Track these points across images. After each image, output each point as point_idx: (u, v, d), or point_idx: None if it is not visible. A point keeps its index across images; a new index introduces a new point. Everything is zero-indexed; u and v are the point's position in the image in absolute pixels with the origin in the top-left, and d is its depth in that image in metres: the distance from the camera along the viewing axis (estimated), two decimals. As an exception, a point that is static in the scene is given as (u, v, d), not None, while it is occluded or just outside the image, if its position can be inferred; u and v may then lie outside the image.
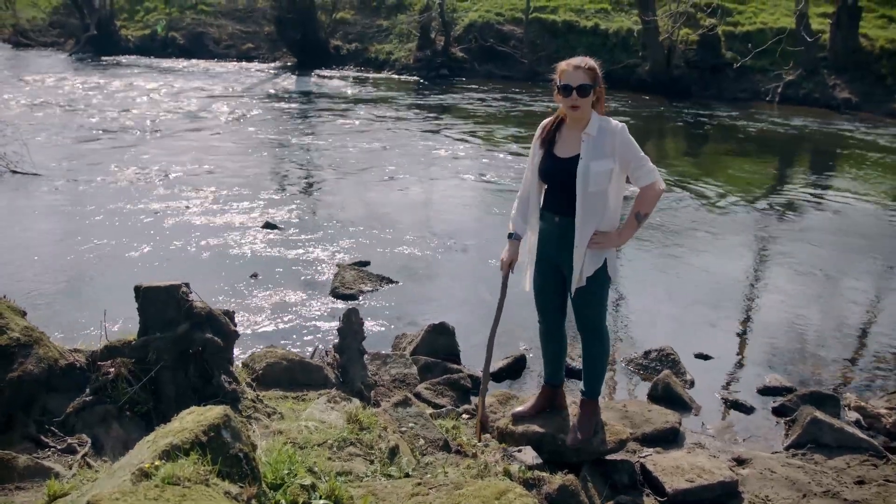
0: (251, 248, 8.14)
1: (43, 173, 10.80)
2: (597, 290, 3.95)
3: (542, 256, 4.05)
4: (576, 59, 3.82)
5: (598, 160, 3.73)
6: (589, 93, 3.74)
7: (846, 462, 4.54)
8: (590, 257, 3.84)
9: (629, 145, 3.75)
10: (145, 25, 32.94)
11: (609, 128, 3.76)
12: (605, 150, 3.73)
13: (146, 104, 18.02)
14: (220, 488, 2.26)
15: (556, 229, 3.90)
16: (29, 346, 3.55)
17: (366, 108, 18.85)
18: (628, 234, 3.89)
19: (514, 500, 2.53)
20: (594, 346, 4.12)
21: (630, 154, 3.75)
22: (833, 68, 22.40)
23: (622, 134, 3.74)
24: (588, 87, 3.73)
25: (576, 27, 26.43)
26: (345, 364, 4.89)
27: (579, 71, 3.75)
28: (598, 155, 3.73)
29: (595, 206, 3.78)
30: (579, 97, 3.73)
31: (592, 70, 3.77)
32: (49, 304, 6.46)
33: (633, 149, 3.76)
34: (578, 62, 3.79)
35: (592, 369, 4.18)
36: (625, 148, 3.74)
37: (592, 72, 3.76)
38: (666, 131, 17.60)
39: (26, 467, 3.01)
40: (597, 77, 3.78)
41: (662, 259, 8.44)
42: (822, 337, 6.64)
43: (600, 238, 3.82)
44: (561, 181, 3.84)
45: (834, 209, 11.03)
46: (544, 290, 4.15)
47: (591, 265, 3.86)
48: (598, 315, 4.06)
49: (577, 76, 3.75)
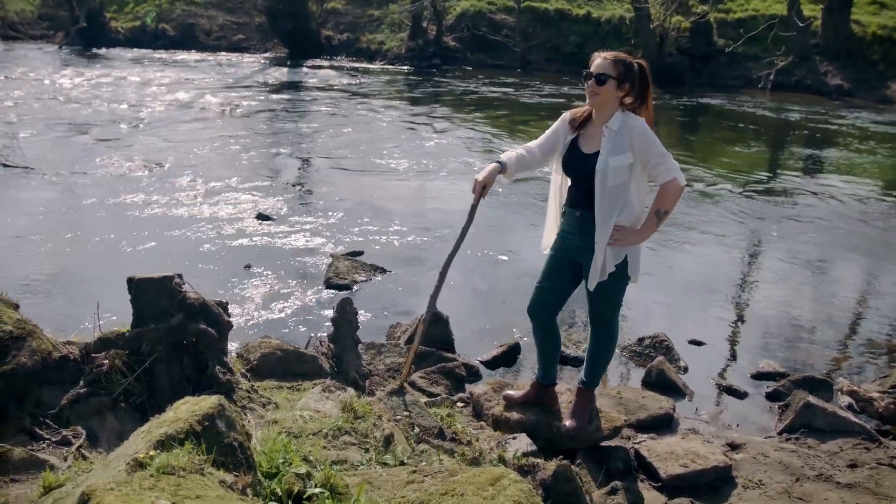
0: (244, 238, 8.12)
1: (34, 166, 10.75)
2: (614, 285, 3.95)
3: (560, 252, 4.05)
4: (611, 52, 3.82)
5: (617, 154, 3.71)
6: (605, 82, 3.71)
7: (839, 446, 4.57)
8: (611, 252, 3.84)
9: (649, 141, 3.71)
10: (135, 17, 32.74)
11: (630, 123, 3.73)
12: (624, 144, 3.71)
13: (137, 96, 17.93)
14: (215, 477, 2.26)
15: (577, 223, 3.91)
16: (22, 338, 3.53)
17: (358, 99, 18.80)
18: (648, 231, 3.85)
19: (509, 485, 2.54)
20: (602, 340, 4.14)
21: (650, 150, 3.71)
22: (825, 55, 22.45)
23: (642, 129, 3.71)
24: (604, 77, 3.71)
25: (568, 15, 26.41)
26: (339, 354, 4.90)
27: (605, 61, 3.75)
28: (618, 149, 3.72)
29: (615, 201, 3.77)
30: (596, 85, 3.73)
31: (618, 62, 3.74)
32: (42, 297, 6.44)
33: (652, 145, 3.71)
34: (608, 53, 3.80)
35: (596, 362, 4.19)
36: (644, 144, 3.70)
37: (618, 64, 3.73)
38: (658, 119, 17.51)
39: (21, 460, 3.01)
40: (625, 71, 3.73)
41: (655, 246, 8.45)
42: (815, 322, 6.67)
43: (620, 234, 3.81)
44: (583, 177, 3.83)
45: (826, 196, 11.07)
46: (548, 287, 4.13)
47: (612, 261, 3.85)
48: (612, 311, 4.08)
49: (600, 65, 3.75)
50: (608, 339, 4.13)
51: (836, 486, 4.10)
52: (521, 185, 10.63)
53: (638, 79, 3.79)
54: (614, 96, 3.76)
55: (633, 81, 3.77)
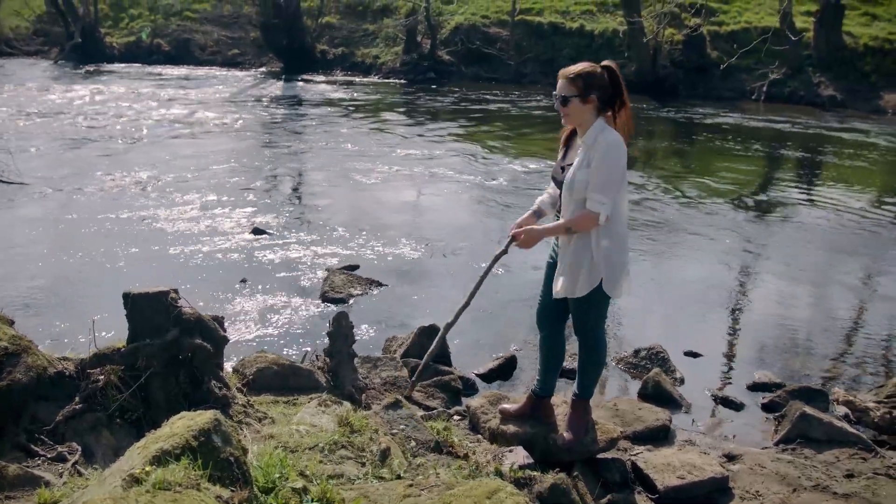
0: (240, 253, 8.12)
1: (29, 182, 10.74)
2: (594, 303, 3.95)
3: (552, 260, 4.11)
4: (573, 67, 3.82)
5: (582, 169, 3.74)
6: (568, 102, 3.75)
7: (835, 456, 4.57)
8: (585, 276, 3.84)
9: (601, 165, 3.68)
10: (130, 32, 32.78)
11: (600, 139, 3.72)
12: (591, 159, 3.73)
13: (132, 111, 17.94)
14: (212, 493, 2.26)
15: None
16: (17, 354, 3.53)
17: (353, 113, 18.86)
18: (550, 231, 3.90)
19: (506, 499, 2.54)
20: (587, 354, 4.15)
21: (597, 172, 3.69)
22: (818, 66, 22.56)
23: (605, 150, 3.69)
24: (566, 98, 3.74)
25: (561, 29, 26.51)
26: (335, 368, 4.89)
27: (563, 81, 3.78)
28: (584, 164, 3.74)
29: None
30: (561, 106, 3.78)
31: (577, 78, 3.73)
32: (37, 313, 6.43)
33: (601, 170, 3.68)
34: (569, 70, 3.80)
35: (584, 373, 4.21)
36: (597, 164, 3.69)
37: (577, 80, 3.73)
38: (653, 132, 17.67)
39: (16, 476, 3.00)
40: (586, 85, 3.72)
41: (651, 258, 8.48)
42: (810, 333, 6.68)
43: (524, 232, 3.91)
44: (561, 187, 3.90)
45: (820, 207, 11.11)
46: (543, 295, 4.20)
47: (585, 285, 3.85)
48: (594, 326, 4.08)
49: (560, 86, 3.79)
50: (593, 350, 4.13)
51: (833, 497, 4.11)
52: (521, 197, 10.66)
53: (609, 84, 3.78)
54: (584, 111, 3.77)
55: (600, 90, 3.76)
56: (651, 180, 12.38)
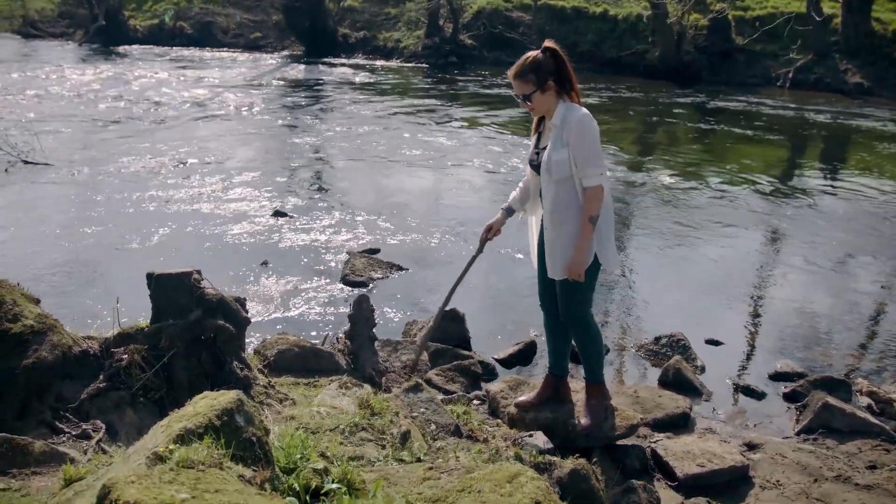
0: (261, 235, 8.16)
1: (53, 163, 10.85)
2: (573, 287, 3.93)
3: (541, 244, 4.11)
4: (516, 64, 3.82)
5: (557, 149, 3.75)
6: (529, 98, 3.79)
7: (858, 447, 4.53)
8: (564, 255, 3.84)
9: (579, 140, 3.70)
10: (153, 15, 32.96)
11: (569, 117, 3.74)
12: (563, 139, 3.74)
13: (155, 94, 18.04)
14: (234, 472, 2.27)
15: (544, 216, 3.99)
16: (43, 333, 3.57)
17: (375, 96, 18.84)
18: (586, 240, 3.79)
19: (526, 483, 2.54)
20: (578, 336, 4.14)
21: (578, 149, 3.70)
22: (845, 52, 22.22)
23: (578, 124, 3.70)
24: (525, 95, 3.79)
25: (585, 13, 26.30)
26: (356, 350, 4.91)
27: (516, 81, 3.81)
28: (557, 144, 3.76)
29: (565, 194, 3.80)
30: (526, 103, 3.84)
31: (525, 73, 3.76)
32: (62, 292, 6.50)
33: (581, 144, 3.70)
34: (510, 71, 3.83)
35: (585, 357, 4.22)
36: (575, 140, 3.70)
37: (526, 76, 3.76)
38: (676, 117, 17.50)
39: (42, 453, 3.04)
40: (537, 76, 3.75)
41: (673, 245, 8.42)
42: (834, 323, 6.61)
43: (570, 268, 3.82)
44: (539, 170, 3.92)
45: (845, 196, 10.96)
46: (539, 278, 4.23)
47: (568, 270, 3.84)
48: (578, 307, 4.03)
49: (516, 87, 3.83)
50: (584, 333, 4.10)
51: (855, 488, 4.07)
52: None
53: (554, 65, 3.78)
54: (546, 99, 3.80)
55: (552, 73, 3.77)
56: (673, 166, 12.27)
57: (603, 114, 16.81)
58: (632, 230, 9.03)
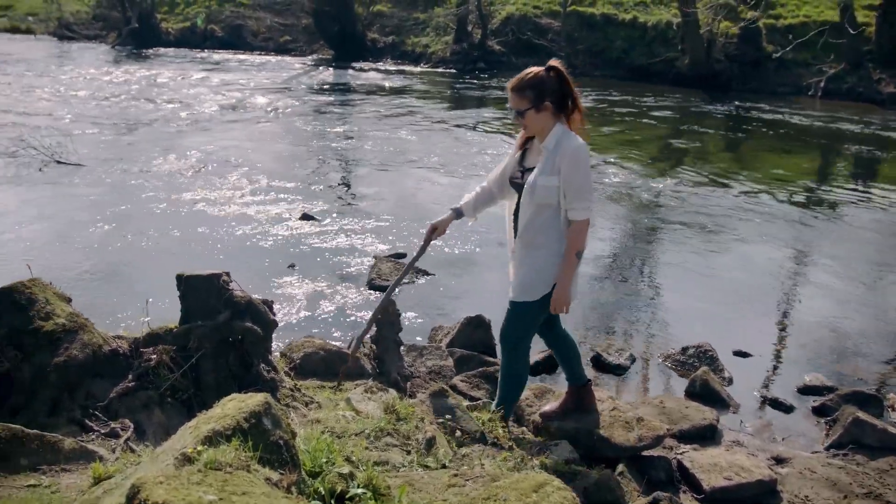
0: (289, 238, 8.20)
1: (86, 164, 10.99)
2: (522, 311, 3.86)
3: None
4: (517, 77, 3.72)
5: (546, 175, 3.63)
6: (523, 114, 3.68)
7: (889, 464, 4.46)
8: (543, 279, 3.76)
9: (573, 172, 3.58)
10: (185, 18, 33.36)
11: (564, 144, 3.62)
12: (554, 166, 3.62)
13: (186, 96, 18.24)
14: (261, 474, 2.28)
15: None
16: (74, 331, 3.61)
17: (403, 101, 18.89)
18: (570, 273, 3.71)
19: (553, 493, 2.52)
20: (506, 358, 4.04)
21: (570, 181, 3.59)
22: (878, 62, 21.93)
23: (572, 155, 3.58)
24: (519, 111, 3.68)
25: (614, 20, 26.21)
26: (381, 355, 4.92)
27: (513, 95, 3.71)
28: (547, 170, 3.64)
29: (542, 219, 3.71)
30: (519, 119, 3.72)
31: (524, 89, 3.66)
32: (92, 291, 6.58)
33: (574, 177, 3.59)
34: (509, 83, 3.72)
35: (503, 380, 4.12)
36: (568, 171, 3.58)
37: (524, 91, 3.65)
38: (705, 126, 17.35)
39: (72, 450, 3.07)
40: (536, 93, 3.64)
41: (701, 255, 8.34)
42: (864, 336, 6.51)
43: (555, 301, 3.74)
44: (520, 189, 3.81)
45: (877, 207, 10.81)
46: None
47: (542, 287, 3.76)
48: (519, 332, 3.94)
49: (511, 100, 3.72)
50: (514, 359, 3.99)
51: (886, 505, 4.00)
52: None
53: (558, 86, 3.67)
54: (541, 119, 3.68)
55: (552, 94, 3.65)
56: (702, 176, 12.17)
57: (630, 121, 16.72)
58: (659, 239, 8.96)
